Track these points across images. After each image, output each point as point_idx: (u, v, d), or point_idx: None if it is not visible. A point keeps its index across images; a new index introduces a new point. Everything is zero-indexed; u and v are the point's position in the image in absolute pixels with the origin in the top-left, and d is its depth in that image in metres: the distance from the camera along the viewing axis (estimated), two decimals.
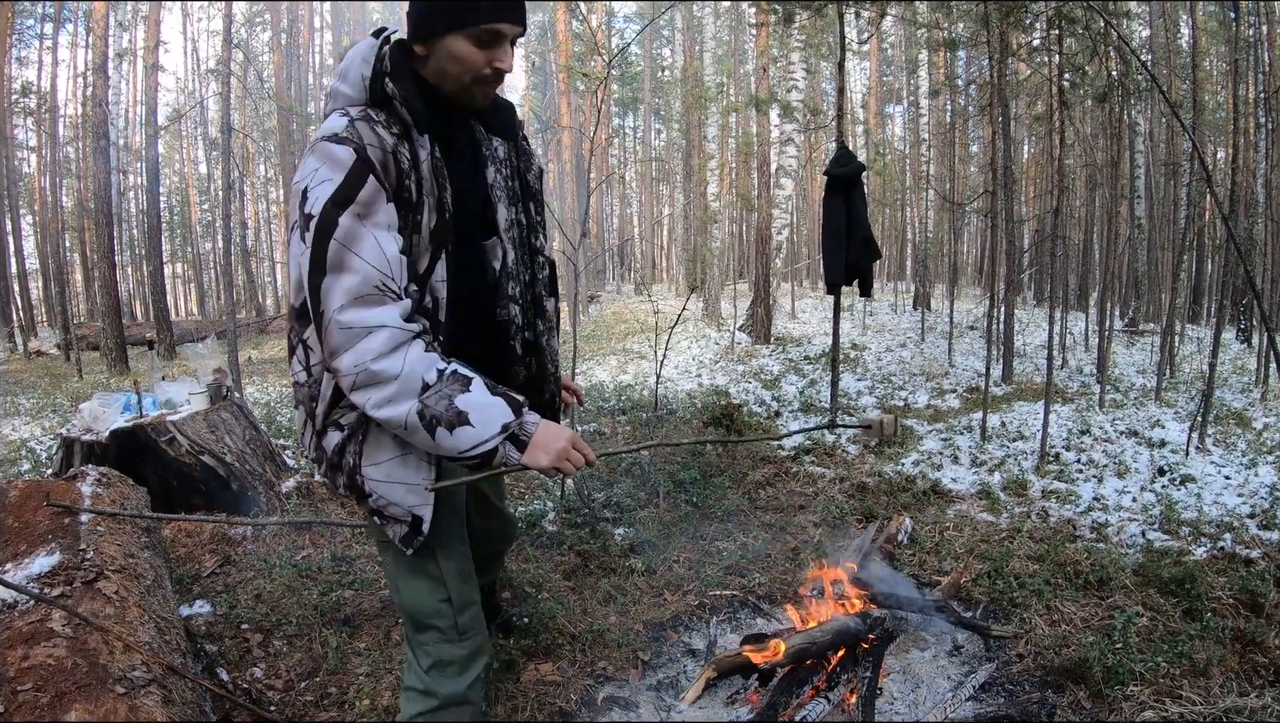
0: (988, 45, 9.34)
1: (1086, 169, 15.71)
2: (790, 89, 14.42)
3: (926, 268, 21.19)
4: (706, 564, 4.43)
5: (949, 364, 12.11)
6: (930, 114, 21.57)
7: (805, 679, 3.25)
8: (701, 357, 12.88)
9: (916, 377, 11.03)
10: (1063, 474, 6.23)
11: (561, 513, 5.02)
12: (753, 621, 3.96)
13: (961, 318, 16.38)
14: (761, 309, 14.66)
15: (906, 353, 13.58)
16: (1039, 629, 3.69)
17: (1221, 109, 19.24)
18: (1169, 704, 3.09)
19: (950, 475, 6.18)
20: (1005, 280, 9.78)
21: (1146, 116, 16.46)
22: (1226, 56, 13.07)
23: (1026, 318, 16.47)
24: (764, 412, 8.14)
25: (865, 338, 15.47)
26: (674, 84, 29.58)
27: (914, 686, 3.47)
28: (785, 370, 11.48)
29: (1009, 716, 3.15)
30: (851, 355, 12.97)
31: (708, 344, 14.28)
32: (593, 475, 5.68)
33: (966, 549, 4.70)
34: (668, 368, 11.81)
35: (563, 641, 3.58)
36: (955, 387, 10.13)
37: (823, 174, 6.78)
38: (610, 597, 4.06)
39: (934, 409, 8.85)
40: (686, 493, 5.39)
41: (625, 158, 44.84)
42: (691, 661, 3.62)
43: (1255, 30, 14.17)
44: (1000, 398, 9.25)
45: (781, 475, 6.10)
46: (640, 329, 16.50)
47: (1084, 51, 9.36)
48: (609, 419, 7.39)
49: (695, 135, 23.45)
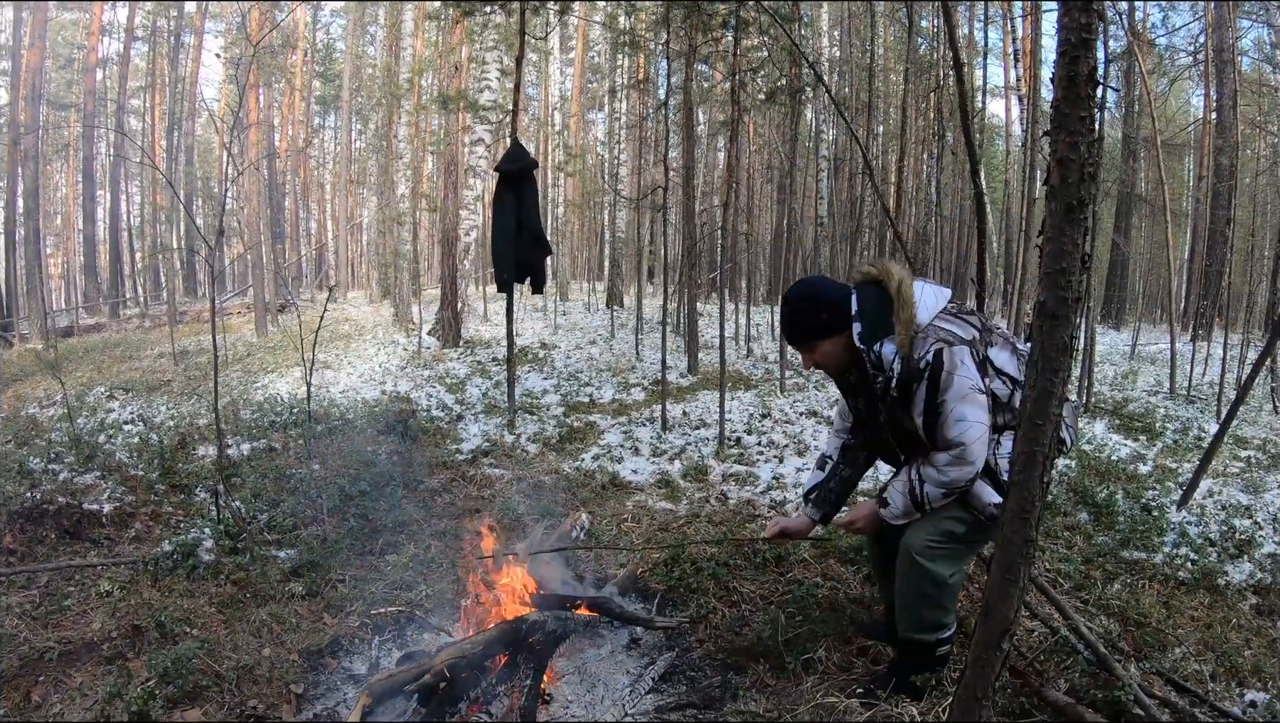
0: (666, 46, 9.71)
1: (771, 172, 16.87)
2: (483, 89, 14.26)
3: (618, 266, 21.84)
4: (372, 581, 4.15)
5: (636, 359, 12.51)
6: (624, 114, 22.25)
7: (465, 694, 3.08)
8: (388, 364, 12.40)
9: (604, 373, 11.27)
10: (743, 457, 6.53)
11: (221, 540, 4.50)
12: (420, 636, 3.74)
13: (653, 314, 17.01)
14: (449, 312, 14.35)
15: (596, 350, 13.87)
16: (718, 612, 3.76)
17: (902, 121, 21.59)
18: (855, 662, 3.26)
19: (630, 467, 6.29)
20: (679, 273, 10.21)
21: (831, 125, 17.96)
22: (906, 73, 14.65)
23: (714, 312, 17.41)
24: (445, 417, 7.90)
25: (556, 337, 15.64)
26: (375, 81, 28.46)
27: (590, 686, 3.41)
28: (472, 373, 11.32)
29: (691, 703, 3.16)
30: (540, 355, 13.03)
31: (395, 350, 13.79)
32: (256, 494, 5.19)
33: (644, 539, 4.75)
34: (353, 377, 11.23)
35: (208, 681, 3.20)
36: (642, 380, 10.45)
37: (493, 170, 6.66)
38: (265, 627, 3.68)
39: (619, 403, 9.04)
40: (355, 506, 5.04)
41: (324, 159, 42.68)
42: (353, 687, 3.36)
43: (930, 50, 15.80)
44: (685, 388, 9.63)
45: (459, 479, 5.91)
46: (331, 338, 15.60)
47: (763, 53, 10.02)
48: (280, 434, 6.81)
49: (389, 135, 22.70)
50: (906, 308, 2.77)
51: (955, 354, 2.68)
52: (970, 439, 2.67)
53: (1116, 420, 7.99)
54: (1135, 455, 6.49)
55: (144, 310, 25.35)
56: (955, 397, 2.67)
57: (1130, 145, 19.16)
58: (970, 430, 2.67)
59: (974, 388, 2.70)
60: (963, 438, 2.67)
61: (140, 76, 30.25)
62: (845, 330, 2.87)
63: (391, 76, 18.95)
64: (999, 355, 2.86)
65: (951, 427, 2.68)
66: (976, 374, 2.72)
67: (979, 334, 2.81)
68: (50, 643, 3.37)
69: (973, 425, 2.67)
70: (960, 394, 2.67)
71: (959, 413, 2.67)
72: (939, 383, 2.68)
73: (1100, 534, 4.65)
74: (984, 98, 18.73)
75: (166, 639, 3.46)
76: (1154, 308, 26.22)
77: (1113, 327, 19.67)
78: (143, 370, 13.07)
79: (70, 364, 13.69)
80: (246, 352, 15.10)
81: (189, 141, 29.70)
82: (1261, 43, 19.10)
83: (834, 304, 2.87)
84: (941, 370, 2.67)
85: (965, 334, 2.76)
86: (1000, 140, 24.30)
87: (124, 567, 4.16)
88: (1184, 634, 3.43)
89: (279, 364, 13.06)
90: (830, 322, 2.87)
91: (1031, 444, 1.72)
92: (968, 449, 2.67)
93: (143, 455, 6.06)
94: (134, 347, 16.58)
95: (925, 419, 2.74)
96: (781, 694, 3.10)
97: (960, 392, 2.67)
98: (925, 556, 2.80)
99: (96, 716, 2.84)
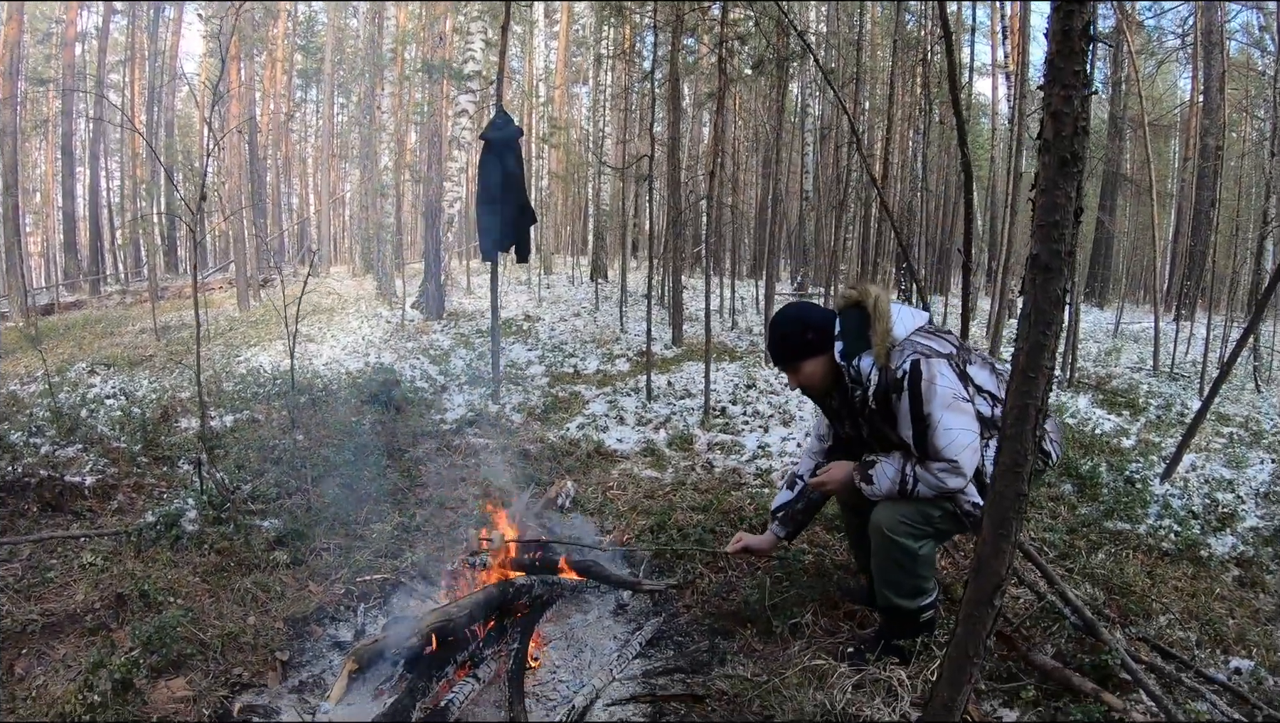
0: (654, 16, 9.63)
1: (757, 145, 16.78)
2: (467, 59, 14.13)
3: (603, 239, 21.76)
4: (357, 549, 4.13)
5: (621, 330, 12.50)
6: (609, 86, 22.09)
7: (452, 658, 3.07)
8: (371, 336, 12.37)
9: (589, 344, 11.26)
10: (728, 426, 6.53)
11: (205, 510, 4.46)
12: (405, 603, 3.72)
13: (638, 287, 16.98)
14: (433, 284, 14.30)
15: (580, 322, 13.86)
16: (705, 578, 3.77)
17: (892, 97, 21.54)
18: (842, 626, 3.27)
19: (616, 436, 6.28)
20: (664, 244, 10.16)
21: (818, 100, 17.89)
22: (895, 46, 14.60)
23: (699, 286, 17.39)
24: (430, 387, 7.86)
25: (540, 309, 15.61)
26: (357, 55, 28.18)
27: (577, 650, 3.40)
28: (455, 345, 11.29)
29: (678, 667, 3.16)
30: (525, 327, 12.98)
31: (379, 323, 13.75)
32: (239, 465, 5.15)
33: (630, 507, 4.75)
34: (336, 349, 11.17)
35: (192, 650, 3.17)
36: (626, 352, 10.44)
37: (478, 138, 6.60)
38: (250, 595, 3.65)
39: (603, 374, 9.03)
40: (339, 475, 5.01)
41: (306, 133, 42.30)
42: (339, 654, 3.33)
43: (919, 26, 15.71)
44: (670, 360, 9.63)
45: (444, 449, 5.89)
46: (313, 311, 15.50)
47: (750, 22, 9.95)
48: (264, 406, 6.76)
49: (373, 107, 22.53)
50: (883, 321, 2.85)
51: (933, 365, 2.76)
52: (959, 451, 2.73)
53: (1100, 396, 8.04)
54: (1119, 430, 6.53)
55: (125, 287, 25.09)
56: (940, 406, 2.73)
57: (1117, 125, 19.18)
58: (959, 439, 2.73)
59: (957, 396, 2.76)
60: (952, 451, 2.73)
61: (120, 51, 29.74)
62: (828, 350, 2.97)
63: (375, 47, 18.76)
64: (979, 373, 2.92)
65: (941, 438, 2.74)
66: (958, 384, 2.79)
67: (956, 351, 2.88)
68: (33, 615, 3.33)
69: (961, 434, 2.73)
70: (945, 403, 2.74)
71: (947, 423, 2.73)
72: (921, 394, 2.74)
73: (1084, 505, 4.68)
74: (971, 75, 18.66)
75: (150, 609, 3.42)
76: (1137, 287, 26.39)
77: (1096, 305, 19.79)
78: (124, 346, 12.92)
79: (51, 341, 13.50)
80: (229, 326, 14.98)
81: (169, 116, 29.30)
82: (1250, 26, 19.09)
83: (819, 326, 2.99)
84: (920, 380, 2.74)
85: (942, 349, 2.83)
86: (986, 119, 24.24)
87: (107, 538, 4.12)
88: (1168, 603, 3.45)
89: (261, 338, 12.97)
90: (815, 342, 2.98)
91: (1024, 397, 1.71)
92: (960, 463, 2.73)
93: (125, 428, 5.99)
94: (115, 323, 16.40)
95: (915, 431, 2.79)
96: (769, 658, 3.11)
97: (944, 401, 2.74)
98: (896, 531, 2.85)
99: (80, 686, 2.81)
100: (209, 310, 16.68)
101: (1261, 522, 4.45)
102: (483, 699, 2.98)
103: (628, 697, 2.99)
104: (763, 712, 2.75)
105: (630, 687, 3.08)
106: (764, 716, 2.73)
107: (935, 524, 2.87)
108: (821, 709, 2.66)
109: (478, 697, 2.97)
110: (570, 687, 3.11)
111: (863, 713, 2.62)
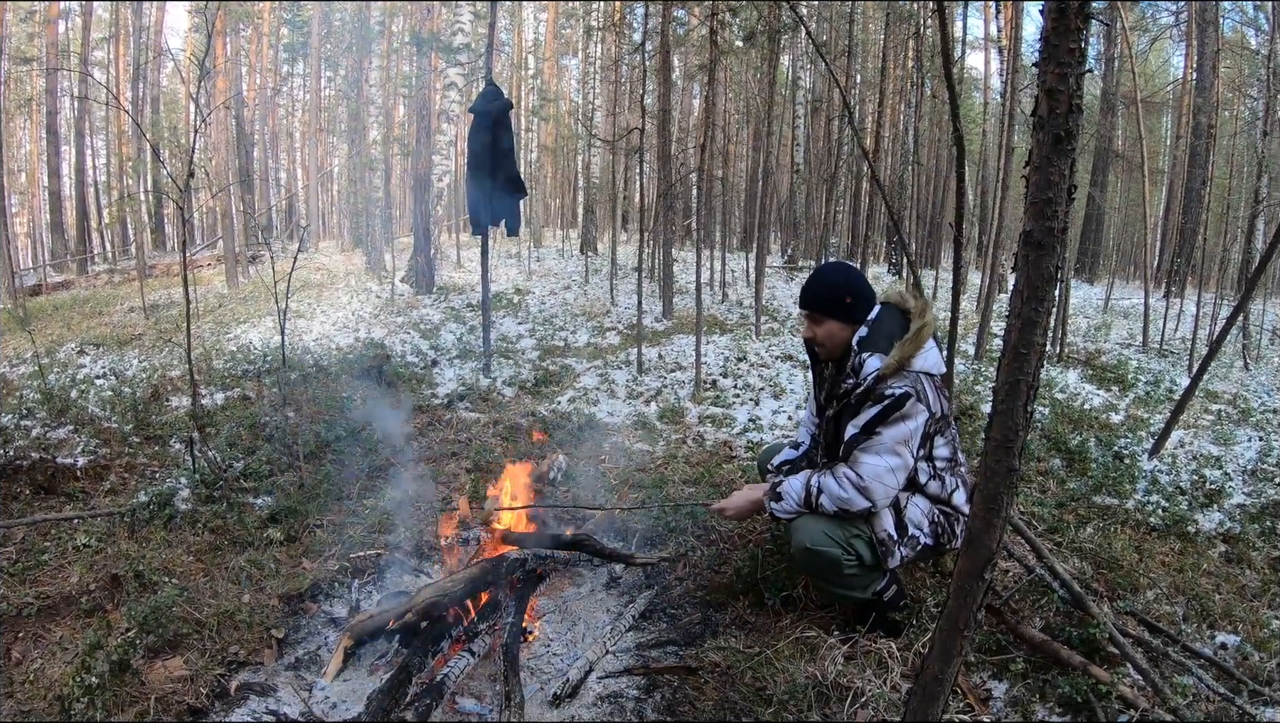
0: None
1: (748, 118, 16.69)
2: (456, 31, 14.00)
3: (593, 212, 21.69)
4: (350, 525, 4.14)
5: (611, 303, 12.49)
6: (599, 58, 21.93)
7: (446, 633, 3.09)
8: (361, 311, 12.30)
9: (579, 317, 11.25)
10: (719, 399, 6.55)
11: (198, 489, 4.46)
12: (400, 578, 3.74)
13: (628, 260, 16.96)
14: (422, 258, 14.23)
15: (571, 295, 13.83)
16: (697, 551, 3.79)
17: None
18: None
19: (607, 409, 6.29)
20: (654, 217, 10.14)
21: (809, 73, 17.78)
22: (887, 19, 14.53)
23: (689, 259, 17.35)
24: (420, 362, 7.85)
25: (530, 283, 15.57)
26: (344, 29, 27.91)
27: (571, 623, 3.43)
28: (446, 319, 11.25)
29: (671, 639, 3.19)
30: (515, 300, 12.95)
31: (368, 298, 13.67)
32: (231, 443, 5.14)
33: (622, 480, 4.77)
34: (326, 325, 11.12)
35: (188, 629, 3.19)
36: (617, 325, 10.44)
37: (467, 111, 6.55)
38: (245, 573, 3.66)
39: (594, 347, 9.04)
40: (331, 452, 5.01)
41: (293, 107, 41.90)
42: (334, 631, 3.35)
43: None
44: (661, 333, 9.63)
45: (435, 424, 5.89)
46: (303, 287, 15.42)
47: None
48: (254, 383, 6.74)
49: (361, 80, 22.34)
50: (916, 344, 2.86)
51: (916, 408, 2.80)
52: (873, 477, 2.79)
53: (1090, 371, 8.07)
54: (1107, 405, 6.56)
55: (112, 266, 24.87)
56: (890, 438, 2.79)
57: (1109, 101, 19.12)
58: (881, 469, 2.79)
59: (909, 444, 2.81)
60: (868, 473, 2.79)
61: (104, 27, 29.33)
62: (855, 325, 2.99)
63: (363, 19, 18.58)
64: (941, 448, 2.95)
65: (868, 457, 2.80)
66: (918, 437, 2.84)
67: (941, 416, 2.90)
68: (28, 598, 3.33)
69: (887, 472, 2.80)
70: (897, 438, 2.79)
71: (883, 452, 2.79)
72: (888, 417, 2.78)
73: (1073, 480, 4.70)
74: (963, 49, 18.58)
75: (145, 589, 3.43)
76: (1128, 263, 26.44)
77: (1086, 280, 19.82)
78: (113, 326, 12.81)
79: (39, 322, 13.37)
80: (218, 303, 14.87)
81: (154, 93, 28.94)
82: (1243, 5, 19.02)
83: (861, 298, 3.01)
84: (897, 409, 2.78)
85: (934, 406, 2.87)
86: (978, 93, 24.17)
87: (100, 519, 4.11)
88: (1155, 578, 3.48)
89: (251, 314, 12.88)
90: (849, 308, 3.00)
91: (1015, 373, 1.72)
92: (868, 486, 2.79)
93: (116, 408, 5.96)
94: (103, 302, 16.26)
95: (855, 433, 2.84)
96: (761, 631, 3.14)
97: (899, 437, 2.79)
98: (817, 542, 2.86)
99: (77, 668, 2.81)
100: (198, 288, 16.56)
101: (1248, 499, 4.48)
102: (478, 673, 3.01)
103: (621, 669, 3.02)
104: (755, 683, 2.78)
105: (624, 659, 3.11)
106: (756, 687, 2.76)
107: (855, 547, 2.87)
108: (813, 681, 2.69)
109: (473, 671, 3.00)
110: (564, 660, 3.15)
111: (854, 684, 2.65)
